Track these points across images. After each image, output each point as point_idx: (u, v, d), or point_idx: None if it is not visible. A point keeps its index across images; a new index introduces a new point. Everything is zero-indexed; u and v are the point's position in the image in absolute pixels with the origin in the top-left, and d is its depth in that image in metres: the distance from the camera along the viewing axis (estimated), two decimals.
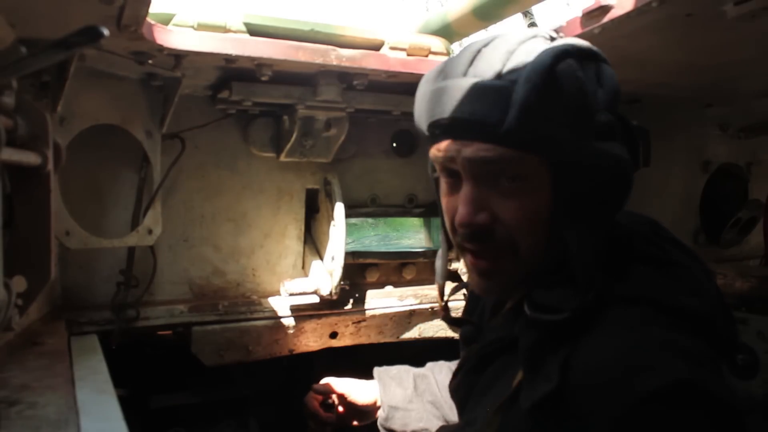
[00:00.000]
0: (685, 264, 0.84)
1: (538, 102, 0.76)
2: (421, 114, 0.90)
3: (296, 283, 1.68)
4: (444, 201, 0.94)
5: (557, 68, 0.77)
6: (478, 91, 0.80)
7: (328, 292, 1.67)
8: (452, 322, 1.18)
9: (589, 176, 0.80)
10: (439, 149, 0.87)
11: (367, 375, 2.08)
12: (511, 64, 0.79)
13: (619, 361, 0.72)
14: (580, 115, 0.79)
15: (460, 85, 0.81)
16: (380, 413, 1.38)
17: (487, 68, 0.81)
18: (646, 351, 0.72)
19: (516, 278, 0.90)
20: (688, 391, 0.68)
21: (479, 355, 1.01)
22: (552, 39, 0.86)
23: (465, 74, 0.82)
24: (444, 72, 0.87)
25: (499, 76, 0.79)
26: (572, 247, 0.81)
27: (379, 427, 1.38)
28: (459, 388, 1.06)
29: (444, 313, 1.14)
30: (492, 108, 0.78)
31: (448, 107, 0.82)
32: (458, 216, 0.87)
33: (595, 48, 0.85)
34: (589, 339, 0.77)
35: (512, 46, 0.82)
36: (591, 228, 0.82)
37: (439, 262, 1.14)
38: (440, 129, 0.86)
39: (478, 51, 0.84)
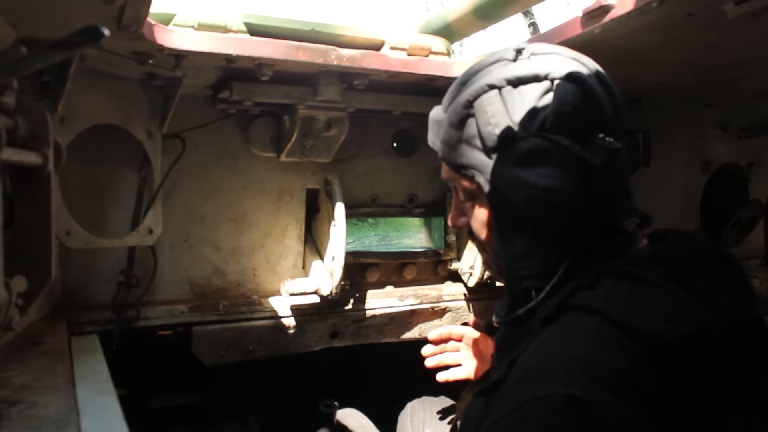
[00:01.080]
0: (674, 291, 0.80)
1: (457, 134, 0.92)
2: None
3: (297, 283, 1.68)
4: None
5: (476, 101, 0.89)
6: (432, 122, 1.00)
7: (328, 292, 1.67)
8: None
9: (506, 200, 0.87)
10: None
11: (368, 375, 2.08)
12: (458, 97, 0.93)
13: (532, 365, 0.77)
14: (494, 142, 0.87)
15: (430, 116, 1.00)
16: None
17: (444, 102, 0.98)
18: (558, 361, 0.74)
19: (494, 270, 1.03)
20: (570, 406, 0.67)
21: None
22: (513, 60, 0.91)
23: (441, 103, 0.99)
24: None
25: (446, 109, 0.96)
26: (502, 257, 0.92)
27: None
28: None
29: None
30: (435, 137, 0.98)
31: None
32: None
33: (545, 69, 0.87)
34: (538, 339, 0.82)
35: (467, 77, 0.94)
36: (533, 244, 0.87)
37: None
38: None
39: (455, 81, 0.97)
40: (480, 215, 0.95)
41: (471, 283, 1.91)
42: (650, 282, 0.81)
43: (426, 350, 1.51)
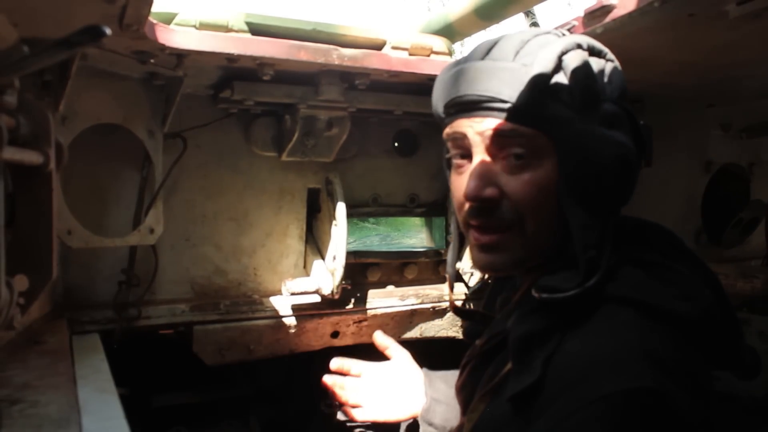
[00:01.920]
0: (680, 270, 0.85)
1: (547, 83, 0.84)
2: (439, 96, 0.97)
3: (298, 282, 1.69)
4: (454, 181, 0.98)
5: (567, 55, 0.86)
6: (493, 71, 0.88)
7: (329, 292, 1.67)
8: (460, 313, 1.23)
9: (592, 158, 0.84)
10: (452, 127, 0.94)
11: None
12: (524, 51, 0.88)
13: (589, 361, 0.75)
14: (586, 99, 0.85)
15: (477, 67, 0.90)
16: (423, 405, 1.36)
17: (502, 54, 0.89)
18: (617, 355, 0.74)
19: (518, 256, 0.93)
20: (645, 398, 0.68)
21: (481, 352, 1.02)
22: (563, 35, 0.93)
23: (482, 59, 0.91)
24: (463, 59, 0.95)
25: (512, 60, 0.88)
26: (573, 226, 0.85)
27: (419, 419, 1.34)
28: (464, 387, 1.06)
29: (452, 304, 1.22)
30: (504, 86, 0.86)
31: (464, 86, 0.90)
32: (467, 188, 0.90)
33: (603, 47, 0.93)
34: (573, 336, 0.80)
35: (527, 36, 0.91)
36: (594, 211, 0.85)
37: (450, 254, 1.21)
38: (456, 107, 0.93)
39: (496, 41, 0.92)
40: (534, 178, 0.88)
41: (472, 283, 1.91)
42: (659, 265, 0.85)
43: (326, 379, 1.43)
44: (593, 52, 0.91)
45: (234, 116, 1.66)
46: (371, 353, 1.92)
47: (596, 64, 0.89)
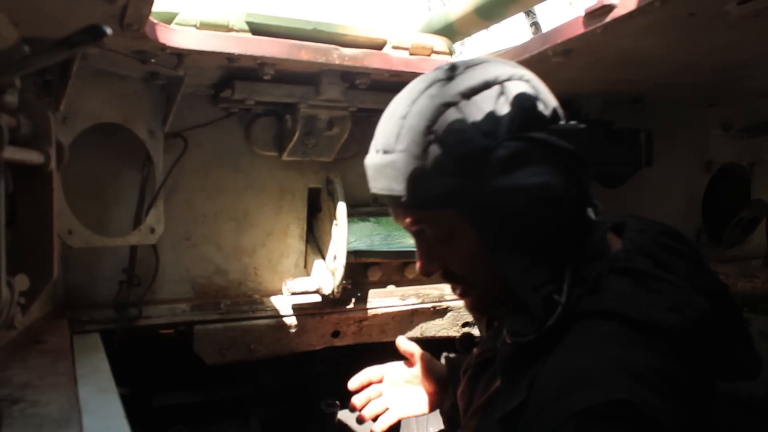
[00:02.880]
0: (669, 278, 0.82)
1: (422, 166, 0.83)
2: None
3: (298, 282, 1.69)
4: None
5: (436, 125, 0.82)
6: (380, 167, 0.90)
7: (330, 291, 1.67)
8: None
9: (502, 214, 0.82)
10: None
11: None
12: (402, 132, 0.85)
13: (566, 378, 0.74)
14: (470, 160, 0.82)
15: (372, 164, 0.92)
16: (446, 401, 1.35)
17: (386, 142, 0.88)
18: (593, 369, 0.73)
19: (483, 305, 0.97)
20: (622, 410, 0.67)
21: (477, 363, 1.03)
22: (450, 78, 0.86)
23: (377, 150, 0.91)
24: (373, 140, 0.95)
25: (393, 148, 0.87)
26: (511, 275, 0.84)
27: (442, 415, 1.34)
28: (464, 394, 1.07)
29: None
30: (393, 182, 0.87)
31: (370, 181, 0.94)
32: (417, 267, 0.96)
33: (490, 74, 0.85)
34: (554, 354, 0.79)
35: (404, 109, 0.86)
36: (537, 250, 0.83)
37: None
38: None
39: (386, 119, 0.91)
40: (461, 248, 0.89)
41: None
42: (647, 274, 0.82)
43: (355, 400, 1.41)
44: (475, 90, 0.84)
45: (234, 116, 1.66)
46: (372, 353, 1.92)
47: (479, 106, 0.83)
